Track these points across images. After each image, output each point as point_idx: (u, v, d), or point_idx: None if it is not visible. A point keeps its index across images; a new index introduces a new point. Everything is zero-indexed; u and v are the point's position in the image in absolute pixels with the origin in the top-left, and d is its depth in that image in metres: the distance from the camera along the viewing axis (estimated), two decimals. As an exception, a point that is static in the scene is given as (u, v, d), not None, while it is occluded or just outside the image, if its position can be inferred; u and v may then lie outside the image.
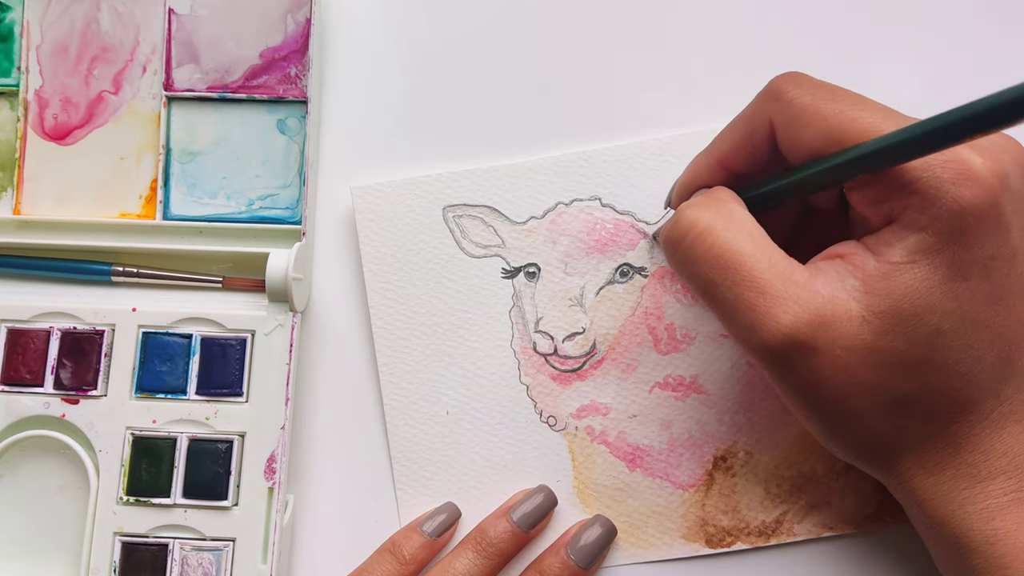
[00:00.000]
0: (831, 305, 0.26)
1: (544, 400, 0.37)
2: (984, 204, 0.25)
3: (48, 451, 0.37)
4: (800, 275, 0.27)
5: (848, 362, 0.26)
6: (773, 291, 0.27)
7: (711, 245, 0.28)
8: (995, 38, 0.38)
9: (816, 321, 0.26)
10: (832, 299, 0.26)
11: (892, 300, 0.26)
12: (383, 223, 0.38)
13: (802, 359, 0.27)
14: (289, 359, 0.36)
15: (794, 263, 0.27)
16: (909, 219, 0.26)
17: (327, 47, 0.40)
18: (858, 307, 0.26)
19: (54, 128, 0.39)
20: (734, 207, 0.29)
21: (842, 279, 0.27)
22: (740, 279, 0.27)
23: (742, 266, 0.27)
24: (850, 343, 0.26)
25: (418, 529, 0.35)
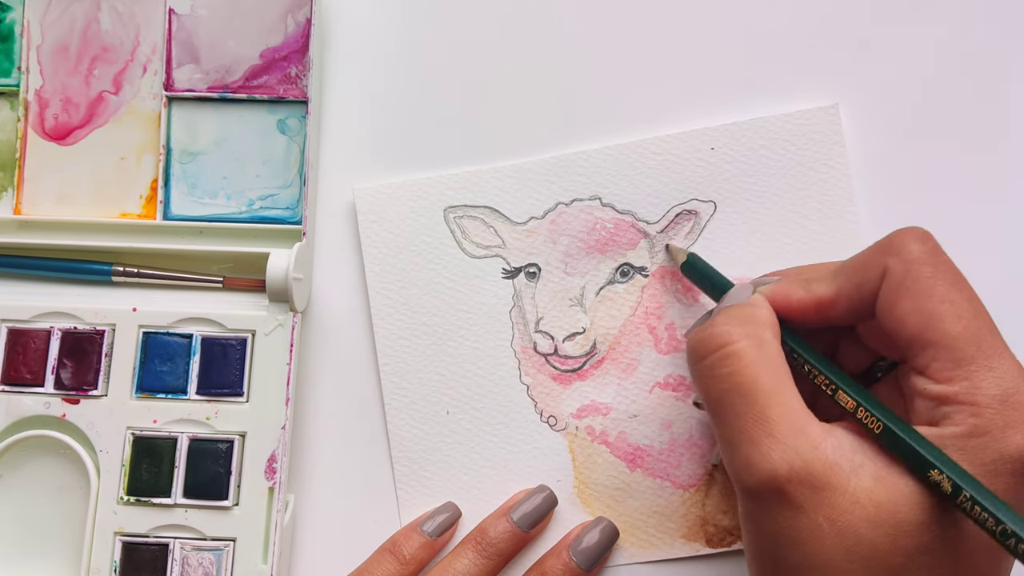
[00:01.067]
0: (830, 472, 0.25)
1: (544, 400, 0.37)
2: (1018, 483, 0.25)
3: (48, 451, 0.37)
4: (812, 429, 0.26)
5: (826, 534, 0.25)
6: (779, 435, 0.26)
7: (735, 370, 0.27)
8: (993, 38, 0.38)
9: (809, 481, 0.25)
10: (834, 467, 0.25)
11: (894, 497, 0.25)
12: (385, 224, 0.38)
13: (782, 511, 0.26)
14: (289, 359, 0.36)
15: (810, 415, 0.27)
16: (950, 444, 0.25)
17: (327, 47, 0.40)
18: (858, 487, 0.25)
19: (54, 128, 0.39)
20: (769, 338, 0.28)
21: (853, 454, 0.26)
22: (752, 413, 0.26)
23: (757, 400, 0.27)
24: (836, 516, 0.25)
25: (418, 529, 0.35)
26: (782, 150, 0.37)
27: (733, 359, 0.28)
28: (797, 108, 0.37)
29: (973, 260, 0.37)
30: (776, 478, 0.25)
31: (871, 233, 0.37)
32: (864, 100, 0.38)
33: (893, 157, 0.38)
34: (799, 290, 0.30)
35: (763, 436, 0.26)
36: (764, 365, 0.27)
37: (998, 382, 0.25)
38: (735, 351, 0.28)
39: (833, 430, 0.26)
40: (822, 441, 0.26)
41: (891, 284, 0.27)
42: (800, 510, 0.25)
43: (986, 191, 0.37)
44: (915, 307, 0.26)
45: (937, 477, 0.24)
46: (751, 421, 0.26)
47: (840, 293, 0.29)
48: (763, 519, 0.26)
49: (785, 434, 0.26)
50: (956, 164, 0.38)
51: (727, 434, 0.27)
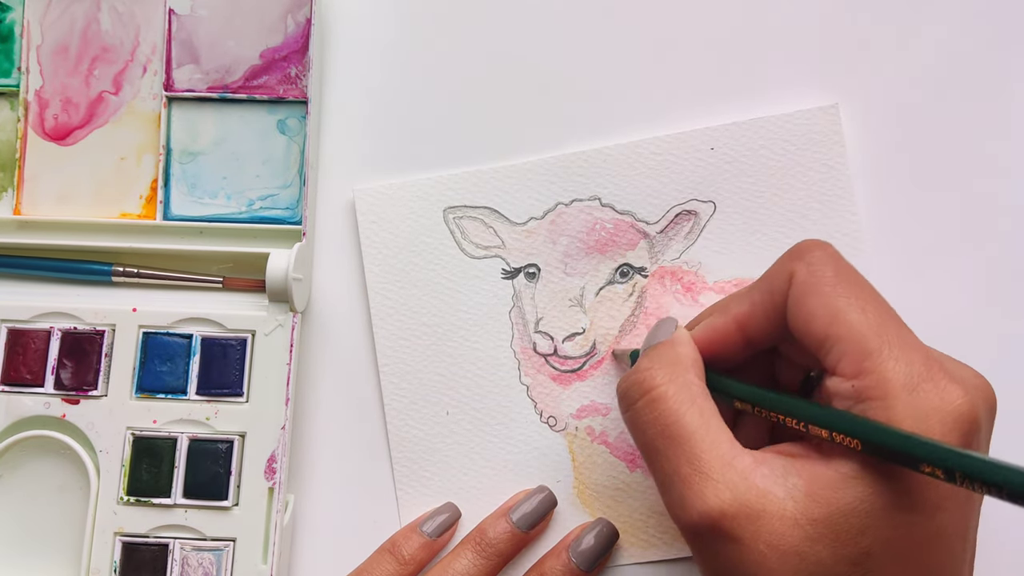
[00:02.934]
0: (763, 499, 0.26)
1: (544, 400, 0.37)
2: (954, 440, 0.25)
3: (48, 451, 0.37)
4: (740, 462, 0.27)
5: (769, 560, 0.25)
6: (709, 471, 0.26)
7: (660, 413, 0.28)
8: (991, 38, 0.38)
9: (744, 512, 0.26)
10: (766, 494, 0.26)
11: (830, 510, 0.25)
12: (385, 224, 0.38)
13: (723, 545, 0.26)
14: (289, 359, 0.36)
15: (738, 448, 0.27)
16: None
17: (327, 47, 0.40)
18: (794, 508, 0.25)
19: (54, 128, 0.39)
20: (691, 378, 0.29)
21: (785, 476, 0.26)
22: (681, 453, 0.27)
23: (685, 441, 0.27)
24: (775, 541, 0.25)
25: (418, 529, 0.36)
26: (782, 150, 0.37)
27: (658, 403, 0.28)
28: (797, 108, 0.37)
29: (973, 260, 0.37)
30: (710, 515, 0.26)
31: (871, 233, 0.37)
32: (864, 100, 0.38)
33: (893, 157, 0.38)
34: (719, 317, 0.31)
35: (694, 475, 0.27)
36: (688, 404, 0.28)
37: (905, 370, 0.25)
38: (659, 395, 0.28)
39: (765, 457, 0.27)
40: (752, 471, 0.26)
41: (797, 286, 0.28)
42: (740, 542, 0.26)
43: (986, 191, 0.37)
44: (820, 304, 0.27)
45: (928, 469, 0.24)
46: (681, 462, 0.27)
47: (755, 305, 0.30)
48: (707, 554, 0.27)
49: (714, 470, 0.26)
50: (956, 164, 0.38)
51: (660, 477, 0.28)
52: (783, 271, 0.29)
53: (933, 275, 0.37)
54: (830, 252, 0.28)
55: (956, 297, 0.37)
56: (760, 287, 0.30)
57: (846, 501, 0.25)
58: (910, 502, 0.25)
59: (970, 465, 0.22)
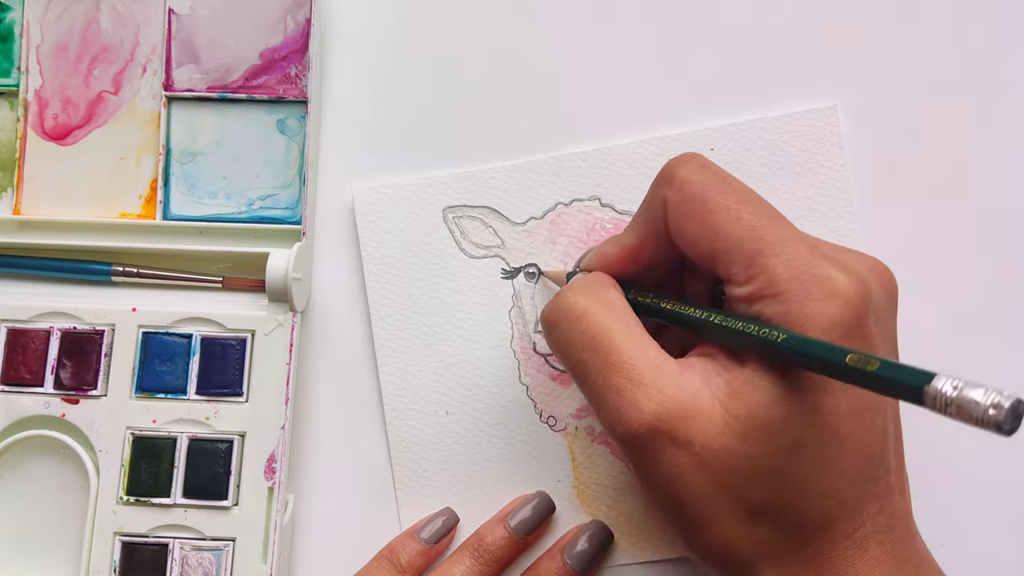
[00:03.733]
0: (695, 400, 0.26)
1: (544, 400, 0.37)
2: (847, 320, 0.25)
3: (48, 451, 0.37)
4: (669, 367, 0.27)
5: (707, 461, 0.26)
6: (640, 378, 0.27)
7: (586, 328, 0.28)
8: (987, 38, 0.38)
9: (679, 413, 0.26)
10: (697, 394, 0.26)
11: (752, 406, 0.26)
12: (384, 224, 0.38)
13: (663, 450, 0.26)
14: (289, 359, 0.36)
15: (665, 355, 0.28)
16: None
17: (327, 47, 0.40)
18: (720, 408, 0.26)
19: (54, 128, 0.39)
20: (612, 294, 0.30)
21: (708, 377, 0.27)
22: (610, 363, 0.27)
23: (612, 350, 0.27)
24: (709, 441, 0.26)
25: (415, 536, 0.36)
26: (781, 151, 0.37)
27: (583, 318, 0.28)
28: (797, 108, 0.37)
29: (973, 260, 0.37)
30: (646, 419, 0.26)
31: (871, 233, 0.37)
32: (863, 100, 0.38)
33: (893, 157, 0.38)
34: (612, 248, 0.31)
35: (625, 383, 0.27)
36: (612, 316, 0.28)
37: (788, 264, 0.26)
38: (583, 311, 0.29)
39: (688, 361, 0.27)
40: (679, 375, 0.27)
41: (672, 213, 0.29)
42: (676, 444, 0.26)
43: (986, 191, 0.37)
44: (697, 225, 0.28)
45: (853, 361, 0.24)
46: (612, 372, 0.27)
47: (641, 236, 0.30)
48: (646, 463, 0.27)
49: (646, 376, 0.27)
50: (956, 164, 0.38)
51: (593, 391, 0.28)
52: (657, 198, 0.29)
53: (933, 275, 0.37)
54: (696, 164, 0.29)
55: (956, 297, 0.37)
56: (641, 217, 0.30)
57: (764, 393, 0.26)
58: (820, 384, 0.26)
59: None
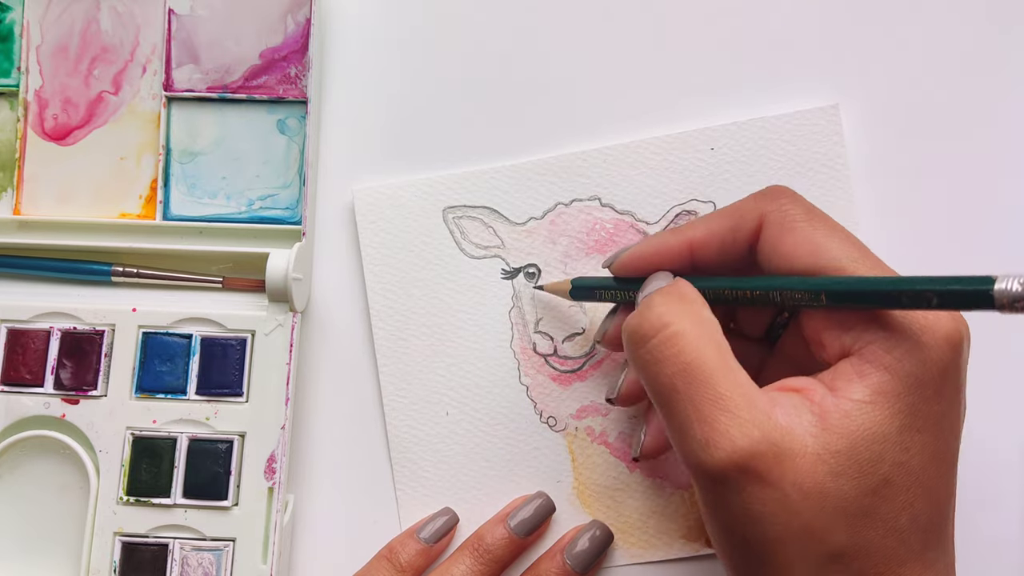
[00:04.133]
0: (788, 437, 0.25)
1: (544, 401, 0.37)
2: (948, 359, 0.25)
3: (48, 451, 0.37)
4: (762, 400, 0.26)
5: (795, 501, 0.25)
6: (735, 410, 0.25)
7: (679, 351, 0.27)
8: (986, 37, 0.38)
9: (772, 451, 0.25)
10: (789, 431, 0.25)
11: (849, 441, 0.25)
12: (384, 225, 0.38)
13: (749, 488, 0.25)
14: (289, 359, 0.36)
15: (755, 386, 0.26)
16: (873, 355, 0.25)
17: (327, 47, 0.40)
18: (814, 444, 0.25)
19: (54, 128, 0.39)
20: (705, 312, 0.28)
21: (799, 413, 0.25)
22: (704, 392, 0.26)
23: (707, 378, 0.26)
24: (801, 480, 0.25)
25: (415, 535, 0.36)
26: (782, 150, 0.37)
27: (676, 339, 0.27)
28: (797, 108, 0.37)
29: (973, 259, 0.37)
30: (739, 455, 0.25)
31: (871, 233, 0.37)
32: (864, 100, 0.38)
33: (893, 157, 0.38)
34: (670, 238, 0.31)
35: (719, 414, 0.25)
36: (707, 341, 0.27)
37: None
38: (677, 331, 0.27)
39: (774, 396, 0.26)
40: (771, 409, 0.26)
41: (773, 226, 0.28)
42: (766, 483, 0.25)
43: (986, 191, 0.37)
44: (800, 240, 0.28)
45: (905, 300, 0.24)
46: (704, 401, 0.26)
47: (713, 235, 0.30)
48: (728, 501, 0.26)
49: (740, 408, 0.25)
50: (956, 164, 0.38)
51: (679, 419, 0.26)
52: (752, 211, 0.29)
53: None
54: (796, 197, 0.29)
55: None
56: (722, 219, 0.30)
57: (863, 428, 0.25)
58: (917, 421, 0.25)
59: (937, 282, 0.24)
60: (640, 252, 0.32)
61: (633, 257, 0.32)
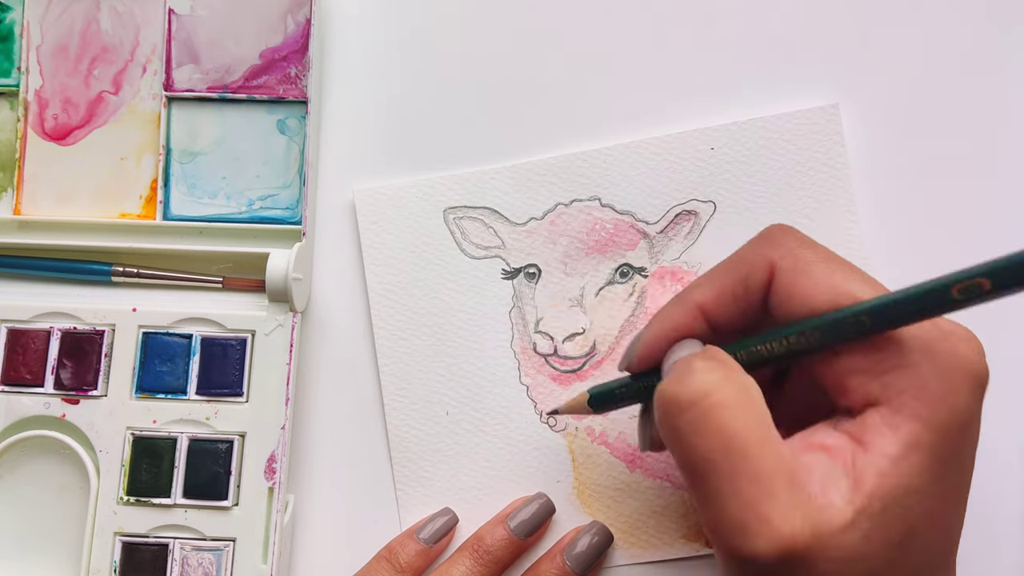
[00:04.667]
0: (827, 514, 0.23)
1: (544, 400, 0.37)
2: (975, 399, 0.24)
3: (48, 451, 0.37)
4: (801, 476, 0.24)
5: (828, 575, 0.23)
6: (777, 493, 0.23)
7: (721, 425, 0.24)
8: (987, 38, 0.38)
9: (812, 533, 0.23)
10: (828, 507, 0.23)
11: (883, 502, 0.23)
12: (385, 225, 0.38)
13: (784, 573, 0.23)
14: (289, 359, 0.36)
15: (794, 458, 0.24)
16: (904, 405, 0.24)
17: (327, 47, 0.40)
18: (850, 511, 0.23)
19: (54, 128, 0.39)
20: (748, 382, 0.26)
21: (835, 480, 0.24)
22: (744, 471, 0.24)
23: (749, 457, 0.24)
24: (837, 554, 0.23)
25: (414, 536, 0.36)
26: (782, 150, 0.37)
27: (718, 411, 0.25)
28: (797, 108, 0.37)
29: (973, 259, 0.37)
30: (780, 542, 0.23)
31: (871, 233, 0.37)
32: (864, 100, 0.38)
33: (893, 157, 0.38)
34: (676, 310, 0.29)
35: (760, 497, 0.23)
36: (749, 412, 0.25)
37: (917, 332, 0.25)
38: (719, 402, 0.25)
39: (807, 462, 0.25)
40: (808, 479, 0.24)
41: (785, 272, 0.27)
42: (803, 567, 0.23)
43: (986, 191, 0.37)
44: (816, 282, 0.26)
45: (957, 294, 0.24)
46: (744, 481, 0.24)
47: (722, 291, 0.28)
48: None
49: (781, 491, 0.23)
50: (956, 164, 0.38)
51: (714, 500, 0.24)
52: (759, 259, 0.28)
53: (933, 276, 0.37)
54: (802, 237, 0.28)
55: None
56: (728, 273, 0.29)
57: (897, 487, 0.24)
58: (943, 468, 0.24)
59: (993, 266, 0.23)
60: (651, 338, 0.29)
61: (646, 347, 0.30)
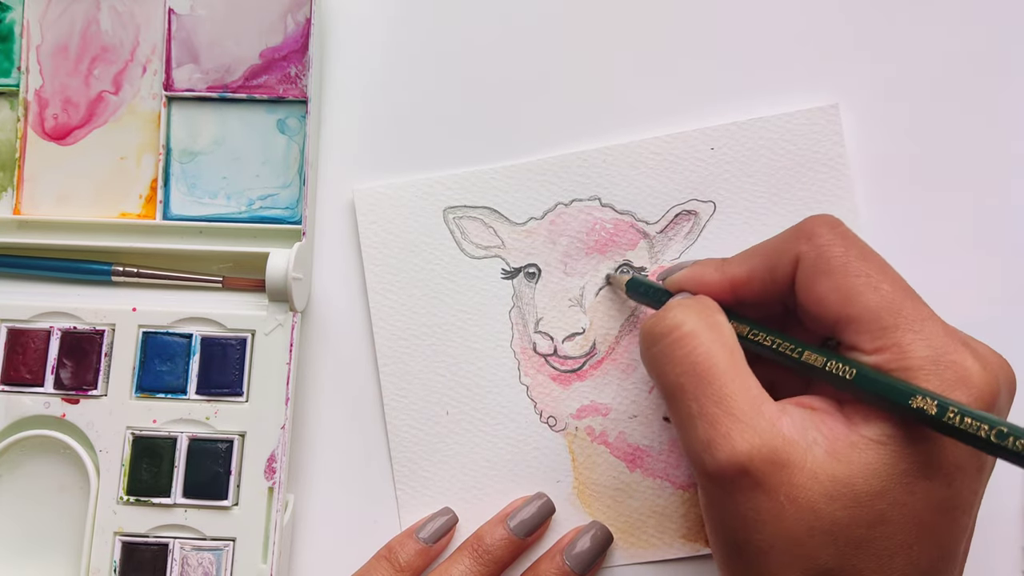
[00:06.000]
0: (789, 448, 0.25)
1: (544, 400, 0.37)
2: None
3: (48, 451, 0.37)
4: (769, 408, 0.26)
5: (787, 513, 0.25)
6: (739, 414, 0.26)
7: (690, 351, 0.27)
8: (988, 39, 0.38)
9: (771, 458, 0.25)
10: (792, 443, 0.25)
11: (849, 470, 0.25)
12: (384, 225, 0.38)
13: (744, 492, 0.26)
14: (289, 359, 0.36)
15: (766, 395, 0.27)
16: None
17: (327, 47, 0.40)
18: (813, 463, 0.25)
19: (54, 128, 0.39)
20: (721, 319, 0.29)
21: (807, 429, 0.26)
22: (709, 392, 0.26)
23: (714, 380, 0.27)
24: (795, 494, 0.25)
25: (414, 535, 0.36)
26: (782, 150, 0.37)
27: (688, 339, 0.28)
28: (797, 108, 0.37)
29: (974, 259, 0.37)
30: (738, 458, 0.25)
31: (872, 233, 0.37)
32: (864, 100, 0.38)
33: (893, 157, 0.38)
34: (713, 272, 0.31)
35: (722, 416, 0.26)
36: (719, 345, 0.27)
37: (926, 344, 0.25)
38: (688, 332, 0.28)
39: (786, 407, 0.27)
40: (778, 419, 0.26)
41: (806, 269, 0.28)
42: (761, 489, 0.25)
43: (986, 191, 0.37)
44: (832, 287, 0.27)
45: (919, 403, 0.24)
46: (709, 402, 0.26)
47: (753, 274, 0.30)
48: (725, 501, 0.26)
49: (744, 412, 0.26)
50: (956, 164, 0.38)
51: (684, 418, 0.27)
52: (788, 252, 0.29)
53: (934, 276, 0.37)
54: (839, 231, 0.28)
55: (957, 298, 0.37)
56: (761, 259, 0.30)
57: (867, 463, 0.25)
58: (929, 469, 0.25)
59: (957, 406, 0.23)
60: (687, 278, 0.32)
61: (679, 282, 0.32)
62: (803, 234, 0.28)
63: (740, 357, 0.28)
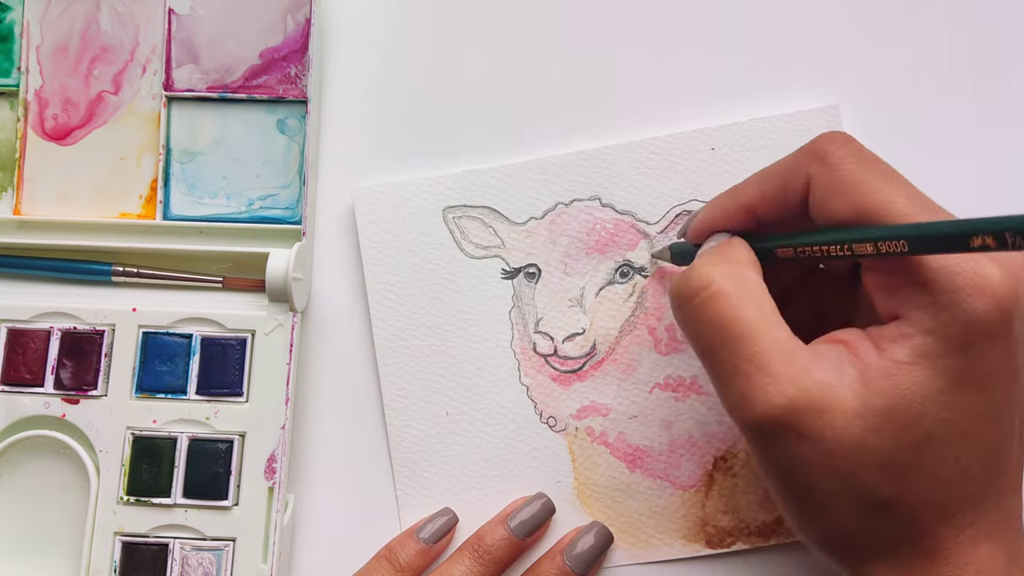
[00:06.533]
0: (826, 393, 0.26)
1: (544, 401, 0.37)
2: (995, 319, 0.25)
3: (48, 451, 0.37)
4: (801, 356, 0.26)
5: (834, 453, 0.26)
6: (772, 369, 0.26)
7: (719, 310, 0.27)
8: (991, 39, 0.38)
9: (808, 407, 0.26)
10: (828, 387, 0.26)
11: (888, 399, 0.25)
12: (384, 224, 0.38)
13: (787, 441, 0.26)
14: (289, 359, 0.36)
15: (797, 343, 0.27)
16: (918, 320, 0.25)
17: (327, 47, 0.40)
18: (853, 399, 0.26)
19: (54, 128, 0.39)
20: (749, 273, 0.29)
21: (841, 367, 0.26)
22: (742, 350, 0.27)
23: (745, 338, 0.27)
24: (839, 435, 0.25)
25: (414, 536, 0.36)
26: (782, 150, 0.37)
27: (717, 299, 0.28)
28: (797, 108, 0.37)
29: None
30: (775, 411, 0.26)
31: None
32: (864, 100, 0.38)
33: (893, 157, 0.38)
34: (727, 200, 0.31)
35: (755, 371, 0.26)
36: (747, 300, 0.27)
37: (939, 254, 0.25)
38: (718, 291, 0.28)
39: (818, 349, 0.27)
40: (812, 365, 0.26)
41: (819, 189, 0.28)
42: (804, 438, 0.26)
43: (987, 191, 0.37)
44: (845, 204, 0.27)
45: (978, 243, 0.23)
46: (742, 359, 0.27)
47: (765, 195, 0.30)
48: (771, 451, 0.27)
49: (776, 367, 0.26)
50: (956, 164, 0.38)
51: (720, 376, 0.28)
52: (799, 171, 0.29)
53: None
54: (851, 147, 0.28)
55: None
56: (774, 179, 0.30)
57: (903, 387, 0.25)
58: (963, 380, 0.25)
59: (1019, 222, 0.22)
60: (705, 221, 0.32)
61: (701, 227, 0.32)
62: (815, 154, 0.28)
63: (769, 308, 0.28)
